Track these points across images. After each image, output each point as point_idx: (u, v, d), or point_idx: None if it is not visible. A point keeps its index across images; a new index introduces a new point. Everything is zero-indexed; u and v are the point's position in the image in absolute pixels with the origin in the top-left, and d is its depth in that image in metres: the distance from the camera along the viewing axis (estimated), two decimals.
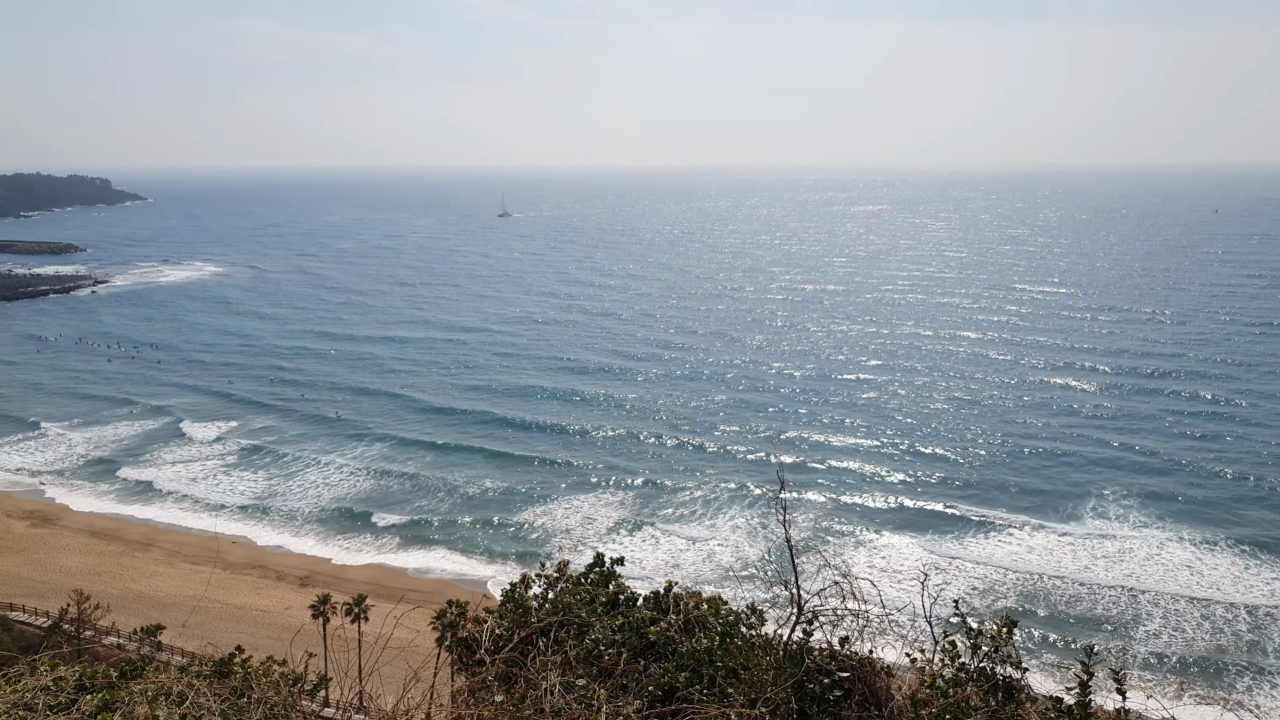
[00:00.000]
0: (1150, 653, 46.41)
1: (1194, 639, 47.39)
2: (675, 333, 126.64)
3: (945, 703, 8.09)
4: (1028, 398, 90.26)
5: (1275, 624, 48.42)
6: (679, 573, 56.42)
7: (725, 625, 8.57)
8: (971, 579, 54.37)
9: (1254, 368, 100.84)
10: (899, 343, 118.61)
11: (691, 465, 74.42)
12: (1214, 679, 43.76)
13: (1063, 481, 67.56)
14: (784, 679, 7.45)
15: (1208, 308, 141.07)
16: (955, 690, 8.55)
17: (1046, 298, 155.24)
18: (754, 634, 8.87)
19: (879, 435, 79.35)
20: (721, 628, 8.45)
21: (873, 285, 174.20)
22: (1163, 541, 57.69)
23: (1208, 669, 44.77)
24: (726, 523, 63.80)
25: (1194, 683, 43.14)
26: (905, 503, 65.78)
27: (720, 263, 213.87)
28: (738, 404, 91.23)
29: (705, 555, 59.28)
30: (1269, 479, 66.01)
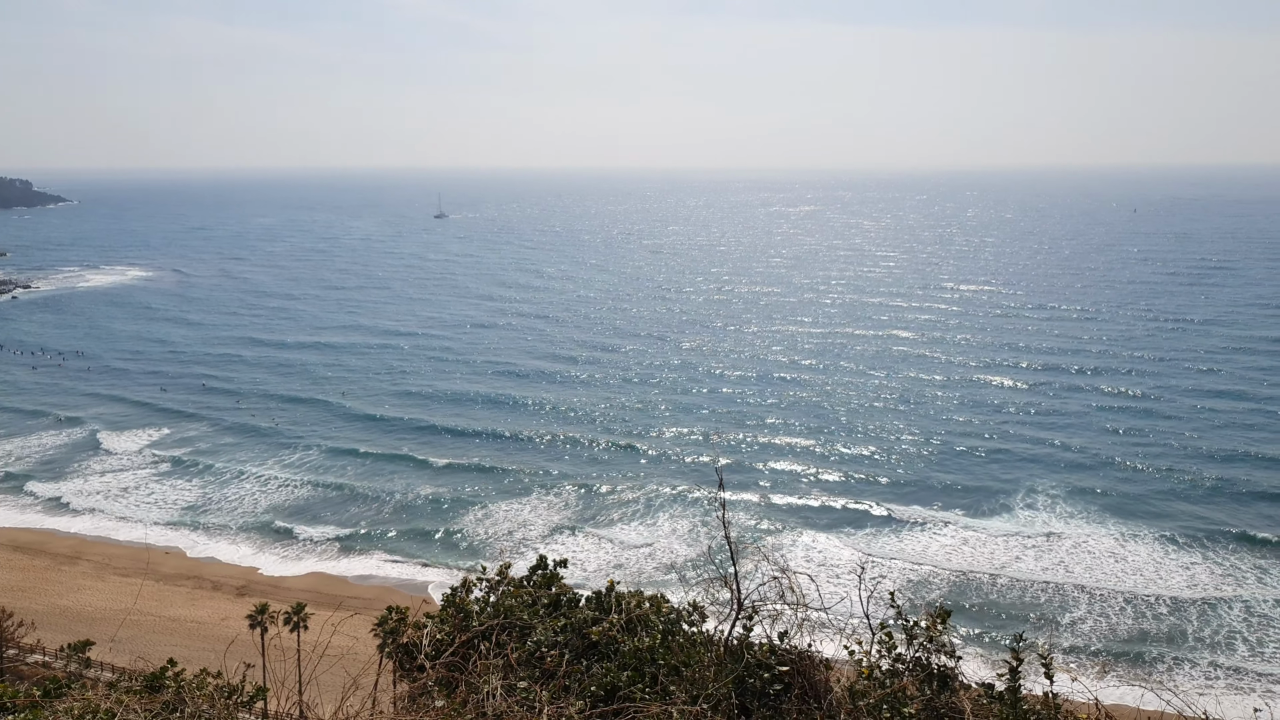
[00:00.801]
0: (1076, 638, 47.96)
1: (1117, 625, 49.07)
2: (613, 335, 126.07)
3: (882, 693, 8.26)
4: (958, 395, 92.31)
5: (1193, 609, 50.31)
6: (621, 573, 56.47)
7: (667, 623, 8.63)
8: (907, 572, 55.40)
9: (1172, 363, 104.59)
10: (833, 342, 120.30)
11: (631, 467, 74.54)
12: (1135, 662, 45.43)
13: (993, 477, 69.23)
14: (725, 675, 7.54)
15: (1129, 304, 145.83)
16: (892, 681, 8.73)
17: (974, 296, 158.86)
18: (695, 631, 8.95)
19: (815, 434, 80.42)
20: (663, 626, 8.51)
21: (807, 285, 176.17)
22: (1088, 533, 59.47)
23: (1130, 653, 46.42)
24: (667, 522, 64.04)
25: (1116, 665, 44.75)
26: (842, 500, 66.78)
27: (659, 263, 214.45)
28: (676, 405, 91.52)
29: (647, 555, 59.44)
30: (1188, 472, 68.54)
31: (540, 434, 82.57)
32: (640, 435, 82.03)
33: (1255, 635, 47.59)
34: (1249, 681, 43.82)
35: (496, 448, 79.59)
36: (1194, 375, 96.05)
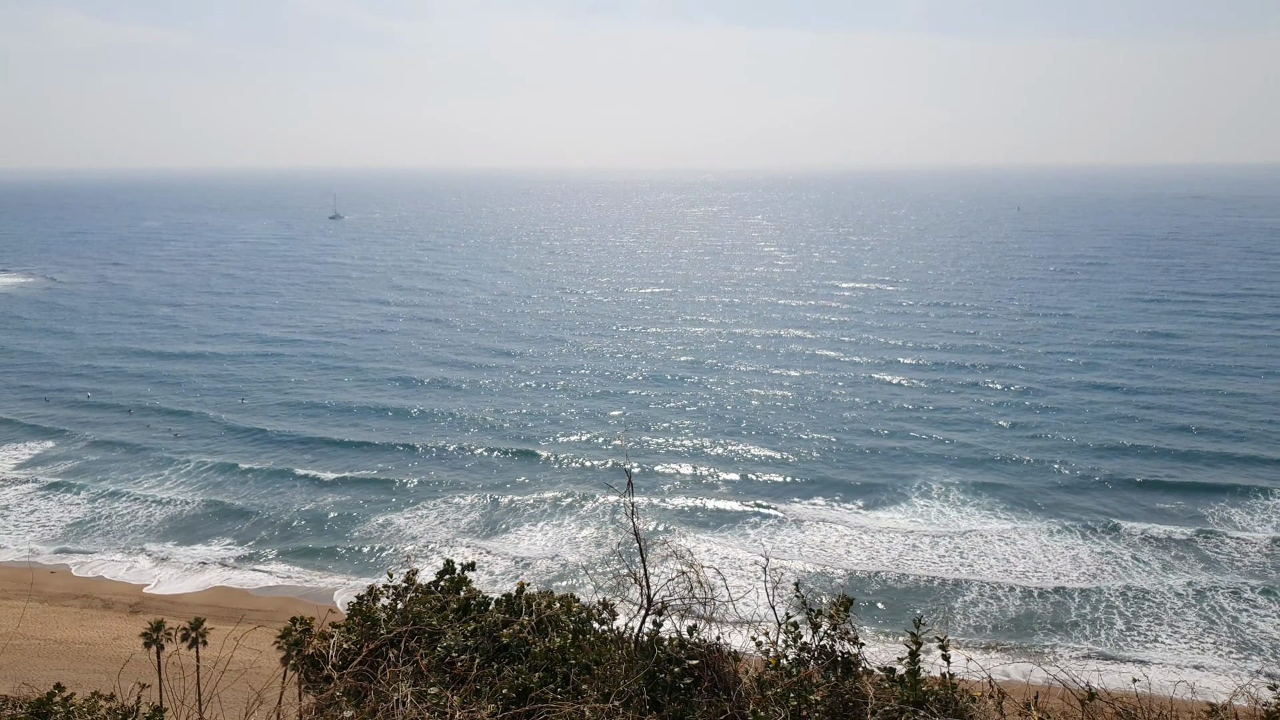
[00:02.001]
0: (970, 621, 49.97)
1: (1008, 607, 51.32)
2: (513, 339, 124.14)
3: (789, 682, 8.48)
4: (854, 392, 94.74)
5: (1077, 591, 53.03)
6: (531, 575, 56.19)
7: (578, 623, 8.67)
8: (810, 565, 56.68)
9: (1057, 357, 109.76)
10: (733, 342, 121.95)
11: (536, 472, 74.12)
12: (1025, 640, 47.65)
13: (890, 471, 71.36)
14: (635, 671, 7.63)
15: (1016, 300, 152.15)
16: (798, 670, 8.97)
17: (867, 294, 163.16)
18: (606, 629, 9.01)
19: (717, 433, 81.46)
20: (574, 625, 8.55)
21: (707, 285, 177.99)
22: (981, 522, 61.91)
23: (1020, 632, 48.65)
24: (575, 524, 64.00)
25: (1007, 644, 46.88)
26: (746, 496, 67.88)
27: (561, 265, 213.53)
28: (579, 408, 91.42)
29: (556, 556, 59.28)
30: (1072, 464, 72.10)
31: (440, 442, 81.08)
32: (543, 439, 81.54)
33: (1131, 611, 50.44)
34: (1128, 653, 46.43)
35: (395, 458, 77.75)
36: (1078, 370, 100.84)
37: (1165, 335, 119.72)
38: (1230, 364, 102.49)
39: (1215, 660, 45.52)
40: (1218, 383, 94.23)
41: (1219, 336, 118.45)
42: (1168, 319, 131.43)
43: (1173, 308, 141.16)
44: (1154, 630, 48.47)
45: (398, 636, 8.01)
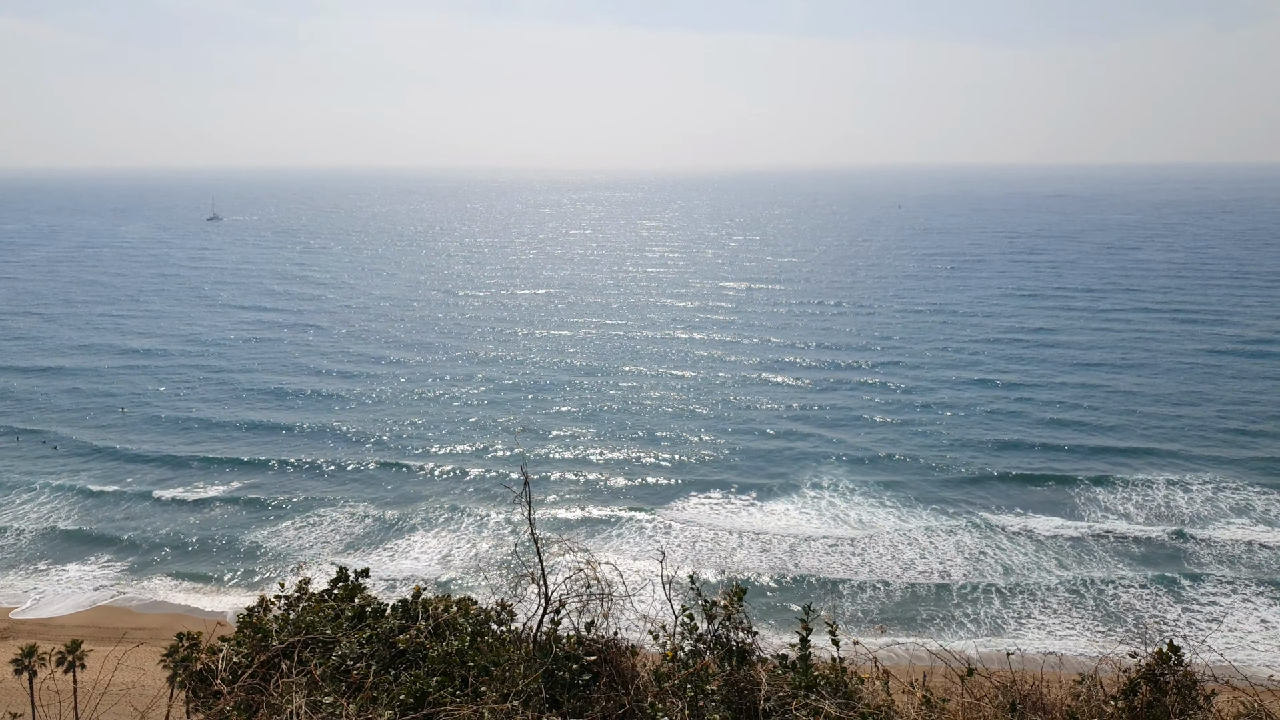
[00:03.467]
0: (859, 606, 51.75)
1: (894, 591, 53.30)
2: (399, 346, 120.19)
3: (685, 673, 8.67)
4: (744, 390, 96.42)
5: (958, 574, 55.52)
6: (428, 579, 55.27)
7: (476, 625, 8.66)
8: (706, 557, 57.56)
9: (940, 353, 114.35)
10: (623, 342, 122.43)
11: (429, 477, 72.86)
12: (910, 623, 49.65)
13: (782, 466, 73.04)
14: (534, 670, 7.67)
15: (897, 297, 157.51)
16: (694, 660, 9.17)
17: (756, 293, 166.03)
18: (505, 630, 9.02)
19: (611, 434, 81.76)
20: (472, 628, 8.53)
21: (599, 286, 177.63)
22: (869, 512, 63.99)
23: (905, 615, 50.68)
24: (472, 526, 63.28)
25: (893, 627, 48.74)
26: (641, 494, 68.44)
27: (450, 267, 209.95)
28: (469, 413, 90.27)
29: (453, 559, 58.51)
30: (953, 456, 75.38)
31: (326, 454, 78.36)
32: (434, 446, 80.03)
33: (1008, 592, 53.10)
34: (1005, 631, 48.87)
35: (279, 471, 74.50)
36: (958, 366, 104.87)
37: (1037, 330, 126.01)
38: (1099, 359, 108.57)
39: (1084, 633, 48.36)
40: (1087, 376, 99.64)
41: (1087, 330, 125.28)
42: (1040, 314, 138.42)
43: (1044, 302, 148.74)
44: (1029, 608, 51.12)
45: (290, 647, 7.84)
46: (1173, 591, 52.70)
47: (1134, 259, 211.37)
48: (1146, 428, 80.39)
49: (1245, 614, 50.31)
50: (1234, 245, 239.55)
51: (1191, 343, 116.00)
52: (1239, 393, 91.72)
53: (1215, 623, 49.55)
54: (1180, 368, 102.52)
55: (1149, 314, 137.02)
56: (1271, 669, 41.08)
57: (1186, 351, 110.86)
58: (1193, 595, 52.32)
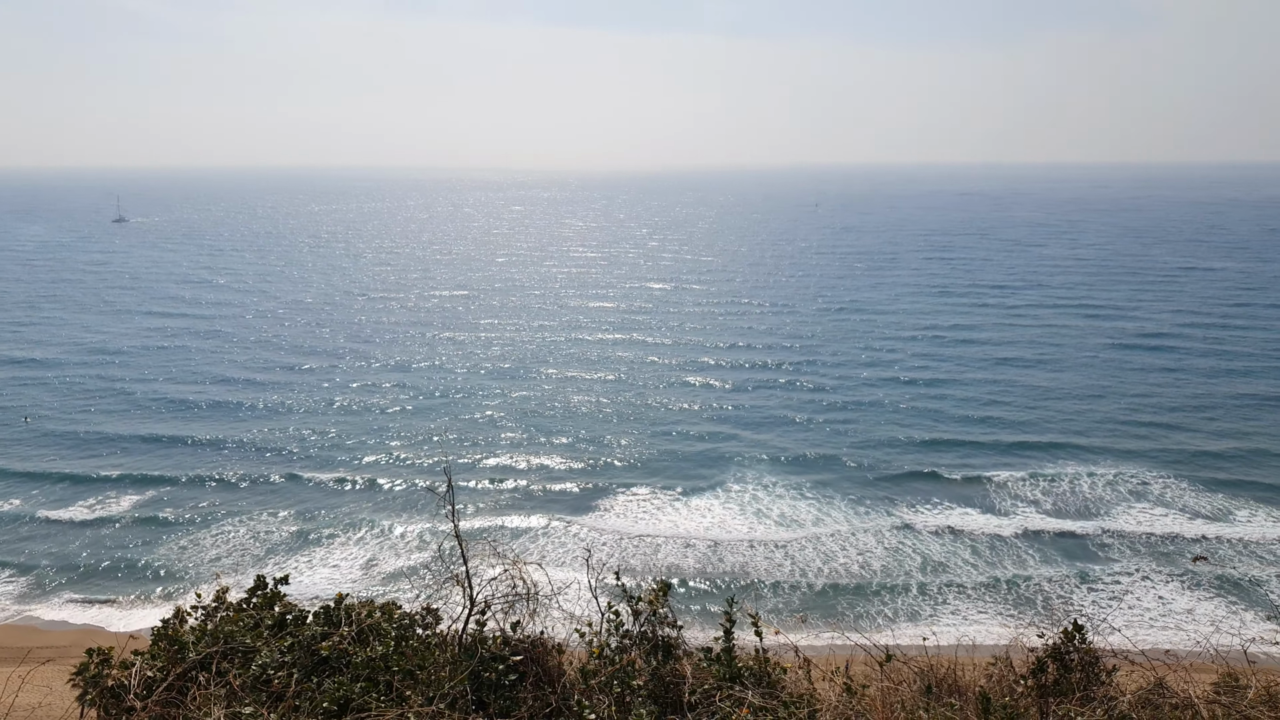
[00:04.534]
0: (780, 598, 52.63)
1: (816, 583, 54.40)
2: (312, 353, 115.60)
3: (612, 670, 8.78)
4: (665, 392, 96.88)
5: (878, 564, 56.90)
6: (351, 585, 54.27)
7: (400, 629, 8.62)
8: (632, 555, 57.80)
9: (859, 351, 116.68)
10: (547, 346, 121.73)
11: (348, 485, 71.35)
12: (830, 612, 50.82)
13: (705, 465, 73.75)
14: (460, 672, 7.68)
15: (817, 296, 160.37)
16: (621, 656, 9.29)
17: (676, 293, 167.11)
18: (430, 633, 9.00)
19: (534, 437, 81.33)
20: (396, 632, 8.50)
21: (520, 287, 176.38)
22: (792, 505, 65.09)
23: (827, 605, 51.81)
24: (395, 531, 62.30)
25: (814, 617, 49.79)
26: (564, 495, 68.35)
27: (370, 269, 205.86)
28: (387, 419, 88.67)
29: (377, 565, 57.50)
30: (873, 452, 77.12)
31: (237, 466, 75.50)
32: (352, 454, 78.16)
33: (926, 580, 54.62)
34: (923, 617, 50.28)
35: (185, 485, 71.61)
36: (877, 365, 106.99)
37: (952, 327, 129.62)
38: (1012, 354, 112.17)
39: (997, 618, 50.08)
40: (1000, 372, 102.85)
41: (1000, 327, 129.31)
42: (954, 311, 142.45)
43: (957, 299, 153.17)
44: (945, 596, 52.71)
45: (208, 658, 7.69)
46: (1080, 574, 54.93)
47: (1041, 255, 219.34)
48: (1056, 421, 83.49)
49: (1144, 591, 52.83)
50: (1132, 241, 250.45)
51: (1096, 337, 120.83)
52: (1140, 385, 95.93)
53: (1117, 600, 51.92)
54: (1087, 362, 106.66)
55: (1056, 310, 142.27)
56: (1167, 643, 43.23)
57: (1092, 346, 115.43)
58: (1098, 577, 54.64)
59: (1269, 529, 60.40)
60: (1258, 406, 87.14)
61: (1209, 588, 52.95)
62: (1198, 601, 51.65)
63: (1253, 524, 61.28)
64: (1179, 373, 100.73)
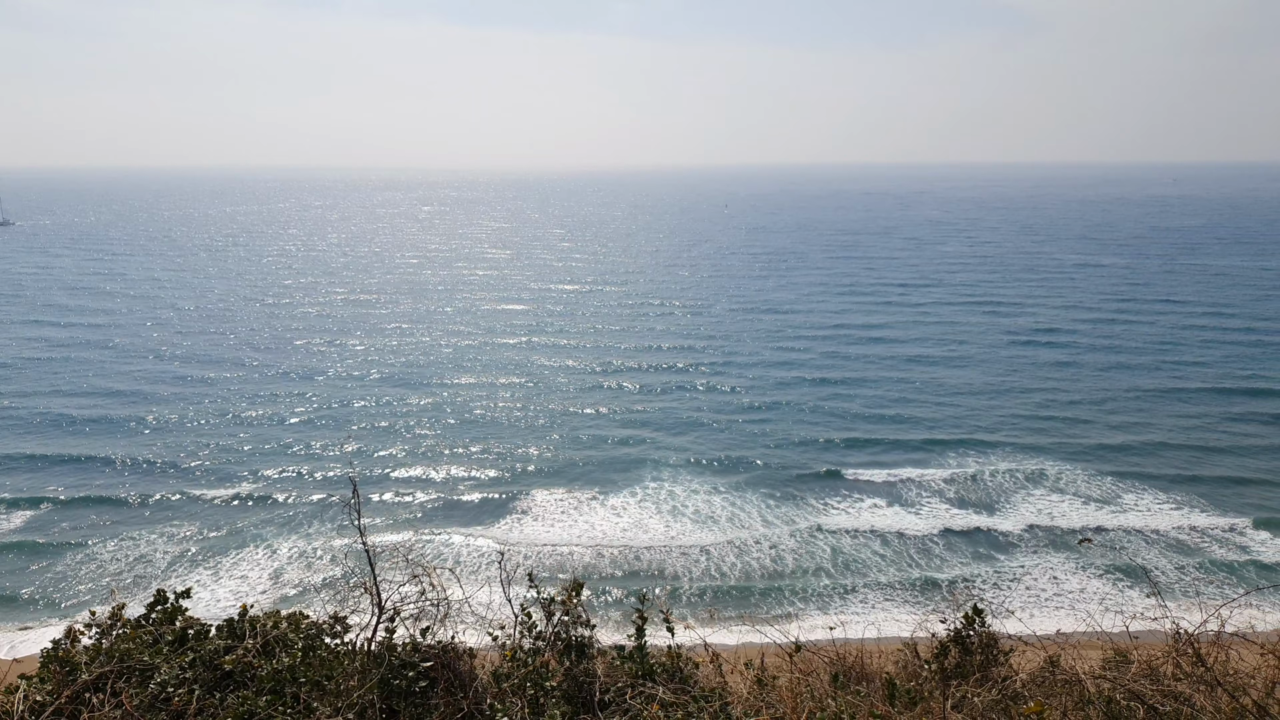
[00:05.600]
0: (695, 592, 53.18)
1: (729, 577, 55.16)
2: (206, 363, 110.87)
3: (525, 671, 8.78)
4: (579, 396, 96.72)
5: (789, 556, 57.95)
6: (257, 596, 52.67)
7: (307, 640, 8.46)
8: (546, 556, 57.59)
9: (775, 349, 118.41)
10: (458, 351, 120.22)
11: (251, 496, 69.24)
12: (742, 605, 51.62)
13: (618, 467, 73.96)
14: (368, 680, 7.58)
15: (727, 297, 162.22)
16: (535, 658, 9.29)
17: (588, 295, 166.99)
18: (339, 643, 8.85)
19: (445, 443, 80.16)
20: (303, 643, 8.33)
21: (429, 290, 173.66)
22: (707, 501, 65.81)
23: (739, 599, 52.63)
24: (301, 541, 60.73)
25: (726, 611, 50.54)
26: (479, 499, 67.67)
27: (270, 272, 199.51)
28: (289, 429, 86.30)
29: (284, 575, 55.94)
30: (784, 451, 78.35)
31: (132, 481, 72.81)
32: (252, 464, 75.74)
33: (836, 572, 55.91)
34: (832, 607, 51.44)
35: (79, 505, 68.15)
36: (788, 365, 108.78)
37: (859, 325, 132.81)
38: (917, 352, 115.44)
39: (904, 605, 51.58)
40: (907, 370, 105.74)
41: (905, 324, 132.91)
42: (861, 310, 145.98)
43: (863, 298, 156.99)
44: (855, 586, 54.05)
45: (102, 678, 7.41)
46: (983, 561, 56.98)
47: (942, 253, 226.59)
48: (962, 417, 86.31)
49: (1041, 574, 55.19)
50: (1027, 239, 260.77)
51: (997, 333, 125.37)
52: (1038, 380, 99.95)
53: (1015, 582, 54.12)
54: (989, 358, 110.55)
55: (958, 307, 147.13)
56: (1061, 623, 45.27)
57: (993, 342, 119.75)
58: (1000, 563, 56.78)
59: (1153, 513, 63.77)
60: (1146, 398, 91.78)
61: (1099, 569, 55.56)
62: (1089, 581, 54.18)
63: (1139, 508, 64.61)
64: (1074, 366, 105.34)
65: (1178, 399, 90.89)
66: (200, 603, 51.57)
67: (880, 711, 8.65)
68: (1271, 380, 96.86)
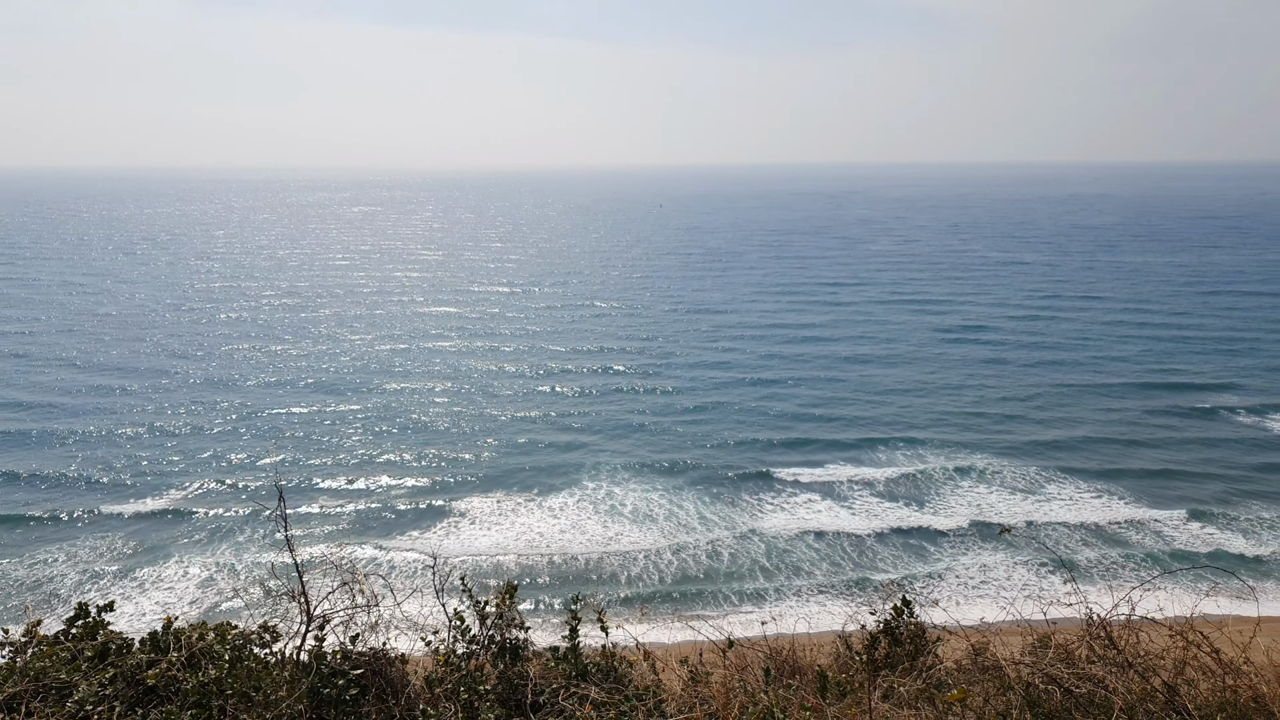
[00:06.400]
0: (632, 591, 53.40)
1: (666, 575, 55.47)
2: (118, 372, 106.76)
3: (458, 676, 8.76)
4: (513, 399, 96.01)
5: (725, 552, 58.49)
6: (184, 607, 51.24)
7: (235, 650, 8.30)
8: (481, 560, 57.20)
9: (710, 350, 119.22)
10: (387, 355, 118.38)
11: (174, 508, 67.20)
12: (678, 602, 52.05)
13: (555, 469, 73.76)
14: (297, 690, 7.47)
15: (662, 298, 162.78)
16: (468, 662, 9.27)
17: (521, 297, 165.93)
18: (268, 653, 8.71)
19: (376, 450, 78.77)
20: (230, 654, 8.18)
21: (358, 294, 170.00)
22: (645, 499, 66.04)
23: (673, 595, 53.09)
24: (229, 551, 59.27)
25: (661, 608, 50.89)
26: (411, 507, 66.76)
27: (187, 276, 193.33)
28: (210, 438, 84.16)
29: (211, 585, 54.53)
30: (719, 451, 78.94)
31: (43, 497, 70.51)
32: (177, 473, 73.53)
33: (771, 567, 56.58)
34: (766, 603, 52.09)
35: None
36: (722, 367, 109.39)
37: (793, 325, 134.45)
38: (849, 351, 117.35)
39: (838, 599, 52.46)
40: (840, 369, 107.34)
41: (839, 324, 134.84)
42: (794, 310, 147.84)
43: (796, 298, 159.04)
44: (791, 582, 54.80)
45: (15, 699, 7.18)
46: (914, 553, 58.25)
47: (872, 251, 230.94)
48: (894, 414, 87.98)
49: (969, 565, 56.69)
50: (952, 237, 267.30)
51: (927, 331, 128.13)
52: (965, 376, 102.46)
53: (946, 573, 55.50)
54: (919, 356, 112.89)
55: (889, 305, 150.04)
56: (986, 612, 46.55)
57: (923, 340, 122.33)
58: (930, 554, 58.13)
59: (1077, 504, 66.00)
60: (1071, 394, 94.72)
61: (1024, 559, 57.25)
62: (1014, 570, 55.80)
63: (1063, 498, 66.83)
64: (1002, 363, 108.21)
65: (1101, 394, 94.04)
66: (124, 617, 49.99)
67: (811, 704, 8.83)
68: (1187, 374, 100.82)
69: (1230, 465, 73.19)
